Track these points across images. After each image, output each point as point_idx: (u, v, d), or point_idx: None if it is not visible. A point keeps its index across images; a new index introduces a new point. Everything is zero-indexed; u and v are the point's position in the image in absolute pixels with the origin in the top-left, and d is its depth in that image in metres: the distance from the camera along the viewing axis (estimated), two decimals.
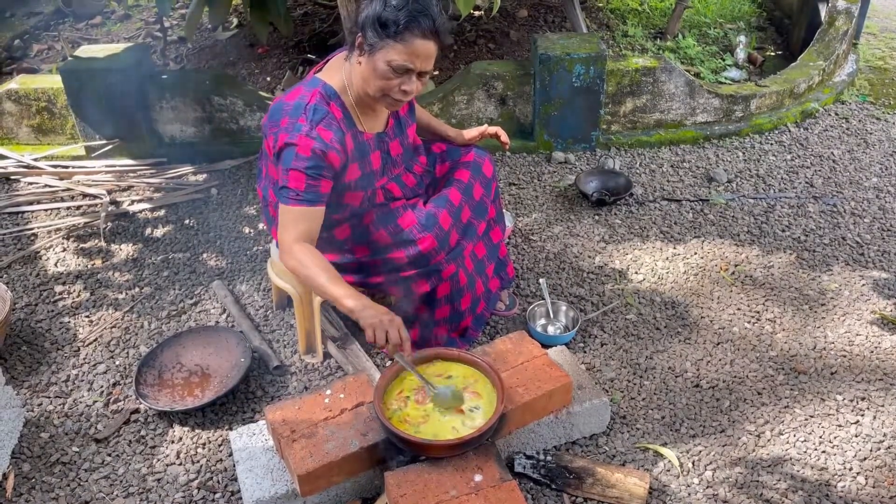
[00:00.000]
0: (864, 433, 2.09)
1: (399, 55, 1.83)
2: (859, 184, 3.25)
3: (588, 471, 1.94)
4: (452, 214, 2.16)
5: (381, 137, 2.08)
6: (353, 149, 1.98)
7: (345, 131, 1.95)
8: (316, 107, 1.92)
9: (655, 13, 4.74)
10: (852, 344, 2.40)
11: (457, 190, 2.21)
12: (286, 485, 1.85)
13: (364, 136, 2.02)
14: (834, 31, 4.06)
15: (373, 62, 1.86)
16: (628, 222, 3.03)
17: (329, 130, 1.90)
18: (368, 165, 2.05)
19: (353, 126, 2.00)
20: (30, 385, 2.32)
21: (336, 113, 1.94)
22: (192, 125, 3.50)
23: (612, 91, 3.48)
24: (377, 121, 2.08)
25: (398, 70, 1.85)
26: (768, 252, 2.84)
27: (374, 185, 2.08)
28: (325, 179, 1.92)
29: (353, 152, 1.99)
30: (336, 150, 1.90)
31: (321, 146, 1.87)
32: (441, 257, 2.12)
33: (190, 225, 3.07)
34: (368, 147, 2.04)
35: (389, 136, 2.11)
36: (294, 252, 1.90)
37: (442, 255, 2.12)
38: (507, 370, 2.01)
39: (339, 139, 1.92)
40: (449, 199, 2.18)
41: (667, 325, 2.51)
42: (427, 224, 2.10)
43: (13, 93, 3.46)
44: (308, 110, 1.91)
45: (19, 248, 2.96)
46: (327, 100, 1.95)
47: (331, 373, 2.34)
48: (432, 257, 2.10)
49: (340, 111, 1.96)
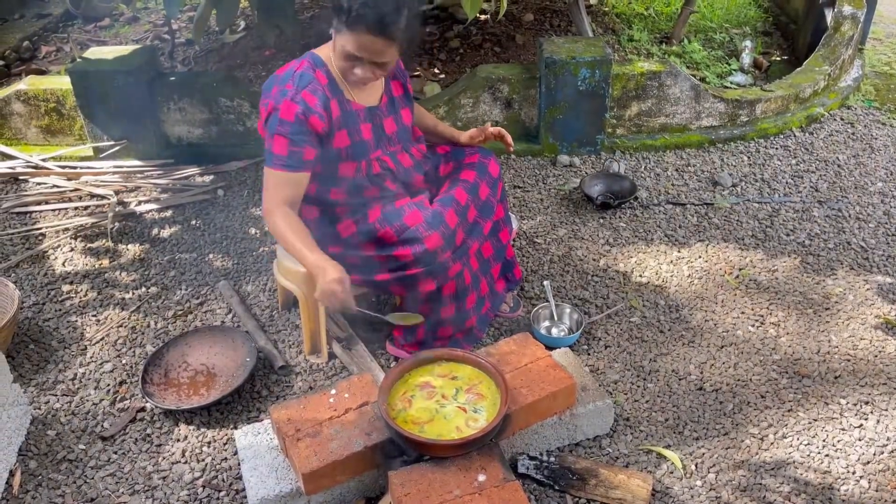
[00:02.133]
0: (868, 437, 2.09)
1: (348, 44, 1.91)
2: (864, 188, 3.25)
3: (591, 472, 1.94)
4: (459, 213, 2.17)
5: (372, 111, 2.12)
6: (339, 115, 2.04)
7: (330, 97, 2.02)
8: (303, 73, 2.01)
9: (661, 18, 4.75)
10: (856, 348, 2.40)
11: (462, 189, 2.22)
12: (291, 483, 1.86)
13: (353, 106, 2.07)
14: (840, 36, 4.06)
15: (335, 43, 1.96)
16: (633, 226, 3.04)
17: (314, 96, 1.98)
18: (358, 134, 2.09)
19: (340, 93, 2.05)
20: (37, 383, 2.34)
21: (322, 79, 2.02)
22: (200, 127, 3.52)
23: (617, 95, 3.49)
24: (368, 95, 2.12)
25: (348, 57, 1.93)
26: (773, 256, 2.84)
27: (369, 156, 2.11)
28: (309, 146, 1.99)
29: (340, 119, 2.04)
30: (318, 115, 1.97)
31: (303, 109, 1.95)
32: (447, 255, 2.13)
33: (196, 226, 3.09)
34: (358, 117, 2.08)
35: (383, 111, 2.15)
36: (274, 216, 2.02)
37: (448, 254, 2.13)
38: (511, 371, 2.02)
39: (322, 104, 1.99)
40: (455, 199, 2.19)
41: (671, 328, 2.51)
42: (433, 222, 2.11)
43: (22, 93, 3.49)
44: (295, 77, 2.01)
45: (27, 247, 2.98)
46: (314, 67, 2.03)
47: (335, 373, 2.35)
48: (438, 255, 2.11)
49: (326, 78, 2.03)
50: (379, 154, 2.14)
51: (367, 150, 2.11)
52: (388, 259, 2.13)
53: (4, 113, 3.53)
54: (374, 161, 2.13)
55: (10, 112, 3.53)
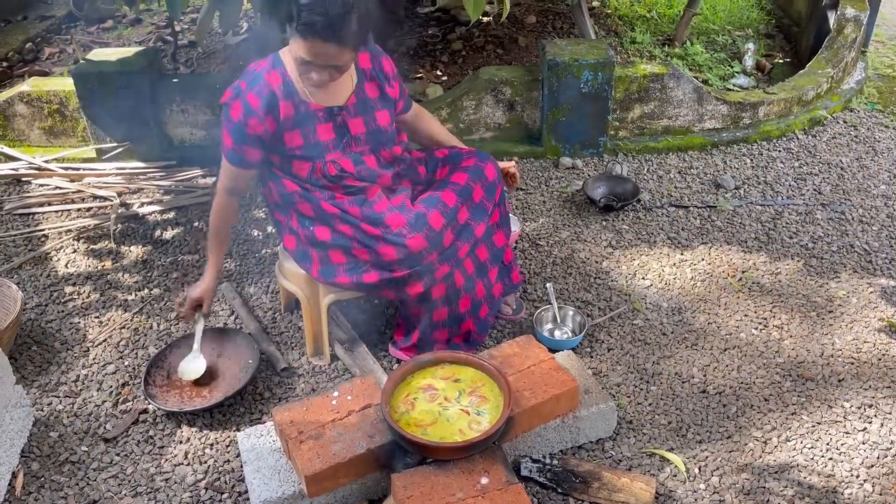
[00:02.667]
0: (872, 440, 2.08)
1: (300, 50, 1.92)
2: (867, 191, 3.25)
3: (594, 475, 1.94)
4: (446, 215, 2.14)
5: (333, 111, 2.10)
6: (292, 115, 2.06)
7: (280, 98, 2.03)
8: (258, 73, 2.05)
9: (664, 20, 4.75)
10: (860, 351, 2.40)
11: (451, 192, 2.19)
12: (293, 486, 1.86)
13: (311, 106, 2.07)
14: (843, 38, 4.05)
15: (291, 48, 1.99)
16: (636, 228, 3.04)
17: (258, 98, 2.01)
18: (314, 135, 2.09)
19: (296, 94, 2.06)
20: (39, 385, 2.34)
21: (275, 79, 2.04)
22: (202, 128, 3.53)
23: (619, 97, 3.48)
24: (331, 95, 2.11)
25: (303, 62, 1.94)
26: (776, 259, 2.84)
27: (324, 157, 2.11)
28: (248, 147, 2.07)
29: (291, 119, 2.06)
30: (259, 118, 2.01)
31: (244, 112, 2.00)
32: (433, 257, 2.11)
33: (199, 227, 3.09)
34: (315, 117, 2.08)
35: (350, 111, 2.12)
36: (217, 200, 2.21)
37: (434, 256, 2.11)
38: (513, 374, 2.02)
39: (266, 106, 2.01)
40: (441, 200, 2.16)
41: (674, 330, 2.51)
42: (416, 224, 2.09)
43: (25, 95, 3.49)
44: (249, 75, 2.05)
45: (30, 249, 2.98)
46: (272, 67, 2.06)
47: (338, 375, 2.35)
48: (423, 257, 2.09)
49: (281, 78, 2.05)
50: (337, 156, 2.11)
51: (323, 151, 2.10)
52: (370, 253, 2.11)
53: (7, 114, 3.54)
54: (329, 163, 2.10)
55: (14, 113, 3.53)
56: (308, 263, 2.20)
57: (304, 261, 2.21)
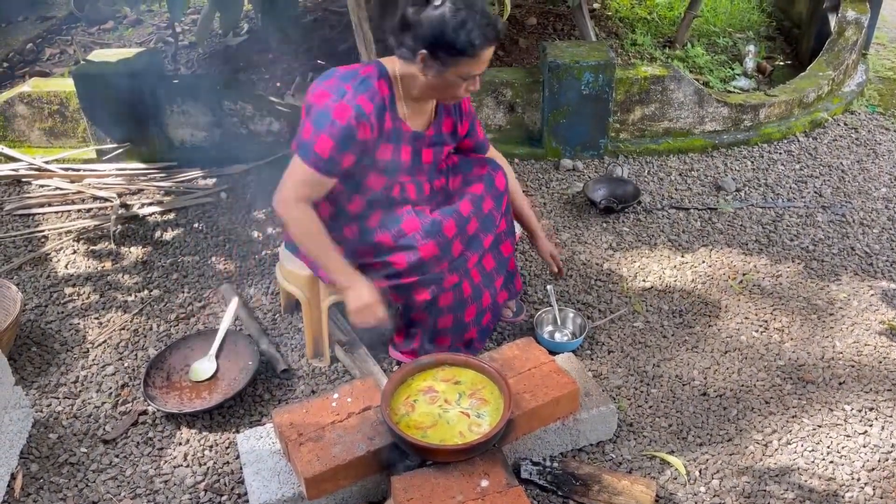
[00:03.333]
0: (873, 443, 2.08)
1: (471, 67, 1.93)
2: (868, 194, 3.25)
3: (594, 478, 1.94)
4: (458, 225, 2.14)
5: (417, 137, 2.11)
6: (390, 129, 2.03)
7: (387, 108, 2.00)
8: (365, 78, 1.98)
9: (664, 22, 4.75)
10: (861, 354, 2.39)
11: (468, 202, 2.19)
12: (293, 488, 1.85)
13: (403, 126, 2.06)
14: (843, 41, 4.05)
15: (442, 76, 1.94)
16: (636, 230, 3.03)
17: (371, 102, 1.95)
18: (398, 153, 2.08)
19: (395, 109, 2.04)
20: (39, 386, 2.34)
21: (383, 89, 1.99)
22: (203, 129, 3.52)
23: (620, 99, 3.48)
24: (419, 120, 2.11)
25: (467, 78, 1.95)
26: (777, 261, 2.84)
27: (399, 178, 2.11)
28: (350, 154, 1.96)
29: (390, 132, 2.03)
30: (371, 124, 1.94)
31: (357, 114, 1.91)
32: (444, 266, 2.12)
33: (199, 228, 3.09)
34: (404, 136, 2.07)
35: (426, 141, 2.14)
36: (294, 210, 1.98)
37: (445, 265, 2.12)
38: (514, 376, 2.02)
39: (377, 113, 1.96)
40: (458, 210, 2.17)
41: (674, 333, 2.50)
42: (430, 231, 2.10)
43: (26, 96, 3.49)
44: (357, 78, 1.97)
45: (30, 249, 2.98)
46: (378, 76, 1.99)
47: (338, 377, 2.35)
48: (433, 265, 2.10)
49: (389, 90, 2.01)
50: (407, 179, 2.13)
51: (401, 170, 2.10)
52: (383, 265, 2.12)
53: (8, 115, 3.53)
54: (398, 184, 2.12)
55: (14, 114, 3.53)
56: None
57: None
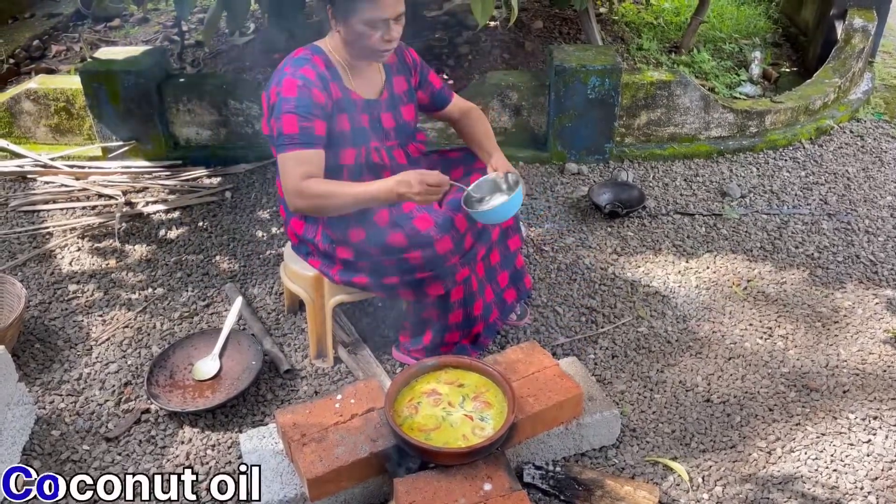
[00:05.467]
0: (876, 452, 2.07)
1: (372, 12, 1.92)
2: (874, 202, 3.24)
3: (597, 483, 1.93)
4: (468, 217, 2.15)
5: (371, 103, 2.13)
6: (340, 98, 2.05)
7: (329, 79, 2.03)
8: (300, 57, 2.04)
9: (670, 27, 4.75)
10: (865, 362, 2.39)
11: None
12: (295, 488, 1.85)
13: (352, 95, 2.08)
14: (850, 48, 4.05)
15: (350, 26, 1.96)
16: (641, 235, 3.03)
17: (313, 71, 2.00)
18: (358, 122, 2.09)
19: (340, 79, 2.07)
20: (42, 382, 2.34)
21: (320, 64, 2.04)
22: (208, 128, 3.53)
23: (626, 104, 3.48)
24: (369, 87, 2.14)
25: (376, 25, 1.94)
26: (781, 268, 2.83)
27: (369, 143, 2.12)
28: (318, 119, 1.98)
29: (341, 101, 2.05)
30: (319, 87, 1.98)
31: (304, 82, 1.96)
32: (456, 260, 2.12)
33: (203, 227, 3.09)
34: (356, 105, 2.09)
35: (382, 106, 2.15)
36: (303, 189, 1.94)
37: (457, 258, 2.12)
38: (517, 380, 2.01)
39: (320, 80, 1.99)
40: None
41: (678, 338, 2.50)
42: (444, 226, 2.10)
43: (32, 92, 3.50)
44: (291, 59, 2.04)
45: (35, 246, 2.98)
46: (312, 54, 2.05)
47: (341, 378, 2.34)
48: (448, 259, 2.10)
49: (324, 64, 2.05)
50: (377, 145, 2.15)
51: (367, 137, 2.11)
52: (398, 262, 2.12)
53: (14, 111, 3.54)
54: (372, 150, 2.14)
55: (20, 111, 3.54)
56: (329, 265, 2.21)
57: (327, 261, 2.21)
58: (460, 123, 2.37)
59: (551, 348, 2.45)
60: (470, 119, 2.37)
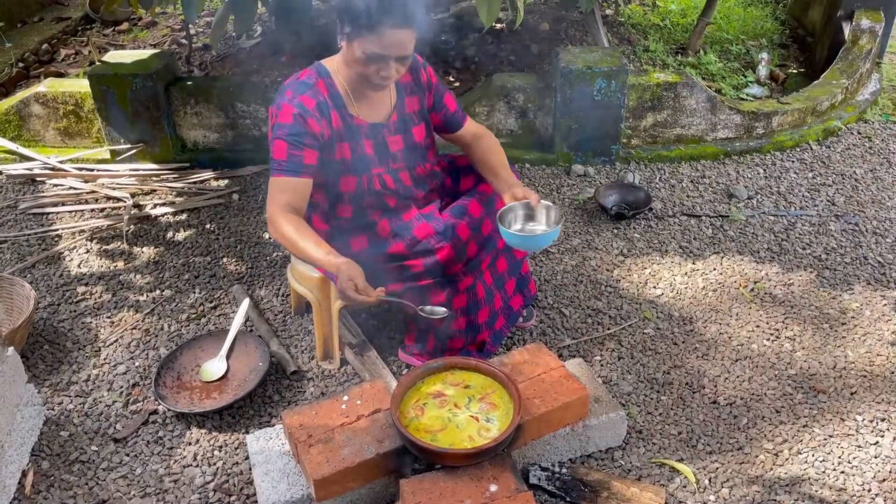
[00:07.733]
0: (884, 454, 2.06)
1: (373, 45, 1.88)
2: (882, 203, 3.23)
3: (603, 484, 1.93)
4: (471, 226, 2.14)
5: (376, 128, 2.10)
6: (341, 127, 2.03)
7: (330, 106, 2.01)
8: (303, 81, 2.01)
9: (677, 29, 4.74)
10: (873, 364, 2.38)
11: (477, 202, 2.19)
12: (302, 489, 1.86)
13: (355, 121, 2.06)
14: (857, 49, 4.04)
15: (352, 49, 1.93)
16: (647, 237, 3.03)
17: (312, 99, 1.97)
18: (360, 149, 2.07)
19: (343, 107, 2.05)
20: (51, 384, 2.35)
21: (323, 89, 2.01)
22: (215, 131, 3.54)
23: (632, 105, 3.48)
24: (375, 111, 2.11)
25: (371, 59, 1.90)
26: (788, 270, 2.82)
27: (370, 171, 2.10)
28: (308, 149, 1.96)
29: (342, 130, 2.03)
30: (315, 118, 1.96)
31: (300, 111, 1.94)
32: (458, 268, 2.12)
33: (211, 229, 3.10)
34: (360, 132, 2.07)
35: (390, 129, 2.13)
36: (277, 221, 1.95)
37: (459, 267, 2.12)
38: (523, 381, 2.01)
39: (320, 109, 1.97)
40: (468, 212, 2.16)
41: (685, 340, 2.50)
42: (445, 234, 2.09)
43: (41, 96, 3.52)
44: (296, 82, 2.01)
45: (44, 248, 3.00)
46: (318, 77, 2.03)
47: (347, 379, 2.35)
48: (449, 268, 2.10)
49: (327, 91, 2.02)
50: (381, 171, 2.12)
51: (369, 164, 2.09)
52: (399, 269, 2.12)
53: (23, 115, 3.57)
54: (374, 177, 2.11)
55: (29, 114, 3.56)
56: None
57: None
58: (472, 148, 2.31)
59: (557, 350, 2.45)
60: (482, 145, 2.29)
